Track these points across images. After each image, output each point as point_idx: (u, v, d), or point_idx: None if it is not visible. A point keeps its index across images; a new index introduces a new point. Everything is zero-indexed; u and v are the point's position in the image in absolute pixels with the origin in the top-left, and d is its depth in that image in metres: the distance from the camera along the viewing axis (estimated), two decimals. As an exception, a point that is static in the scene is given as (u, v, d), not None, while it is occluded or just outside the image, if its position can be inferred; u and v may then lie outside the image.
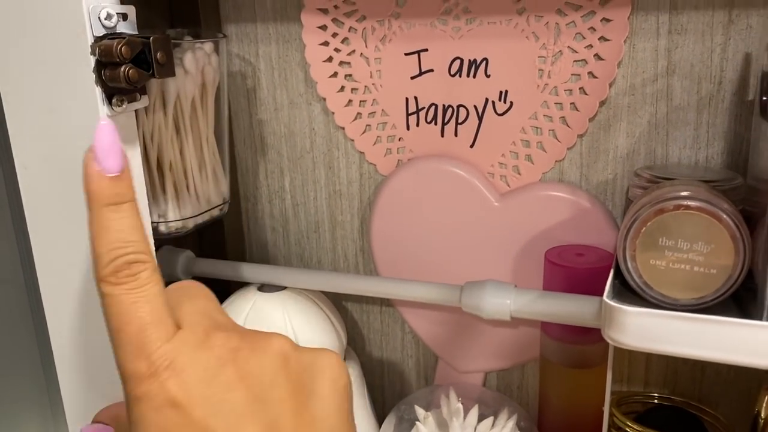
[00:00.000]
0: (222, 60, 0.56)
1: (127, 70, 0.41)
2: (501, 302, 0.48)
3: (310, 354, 0.28)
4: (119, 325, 0.26)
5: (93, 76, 0.41)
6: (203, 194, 0.56)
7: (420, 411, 0.53)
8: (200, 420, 0.24)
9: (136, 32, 0.43)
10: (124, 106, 0.43)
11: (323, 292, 0.58)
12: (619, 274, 0.41)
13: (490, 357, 0.59)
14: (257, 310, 0.54)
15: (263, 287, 0.57)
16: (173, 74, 0.44)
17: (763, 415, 0.48)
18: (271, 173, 0.64)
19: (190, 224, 0.55)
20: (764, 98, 0.40)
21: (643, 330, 0.36)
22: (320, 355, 0.29)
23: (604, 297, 0.38)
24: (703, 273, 0.39)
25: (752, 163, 0.45)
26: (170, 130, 0.52)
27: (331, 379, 0.28)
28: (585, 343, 0.51)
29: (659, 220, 0.39)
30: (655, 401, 0.53)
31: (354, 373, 0.57)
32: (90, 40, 0.41)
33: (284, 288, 0.56)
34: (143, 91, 0.44)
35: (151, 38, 0.42)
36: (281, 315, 0.54)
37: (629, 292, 0.41)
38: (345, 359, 0.58)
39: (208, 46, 0.54)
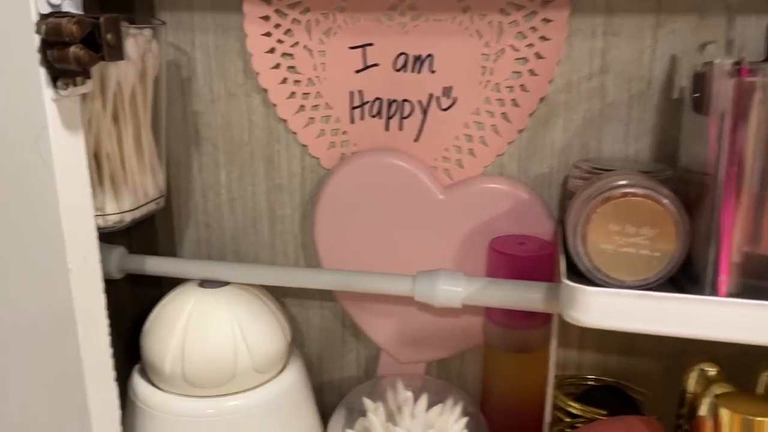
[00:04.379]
0: (161, 48, 0.54)
1: (77, 50, 0.39)
2: (453, 290, 0.50)
3: None
4: None
5: (38, 56, 0.39)
6: (141, 187, 0.53)
7: (369, 402, 0.54)
8: None
9: (82, 12, 0.41)
10: (69, 89, 0.41)
11: (265, 289, 0.57)
12: (569, 260, 0.43)
13: (433, 347, 0.60)
14: (201, 307, 0.52)
15: (204, 283, 0.55)
16: (122, 58, 0.42)
17: (690, 391, 0.52)
18: (205, 166, 0.63)
19: (128, 218, 0.52)
20: (696, 95, 0.44)
21: (604, 308, 0.38)
22: None
23: (564, 279, 0.40)
24: (648, 256, 0.42)
25: (683, 155, 0.49)
26: (109, 118, 0.50)
27: None
28: (528, 327, 0.54)
29: (608, 208, 0.42)
30: (590, 382, 0.57)
31: (298, 369, 0.57)
32: (35, 18, 0.39)
33: (227, 284, 0.55)
34: (88, 75, 0.42)
35: (101, 18, 0.40)
36: (227, 311, 0.53)
37: (576, 276, 0.43)
38: (288, 355, 0.57)
39: (147, 32, 0.52)
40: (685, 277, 0.42)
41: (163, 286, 0.63)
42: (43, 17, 0.39)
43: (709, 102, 0.41)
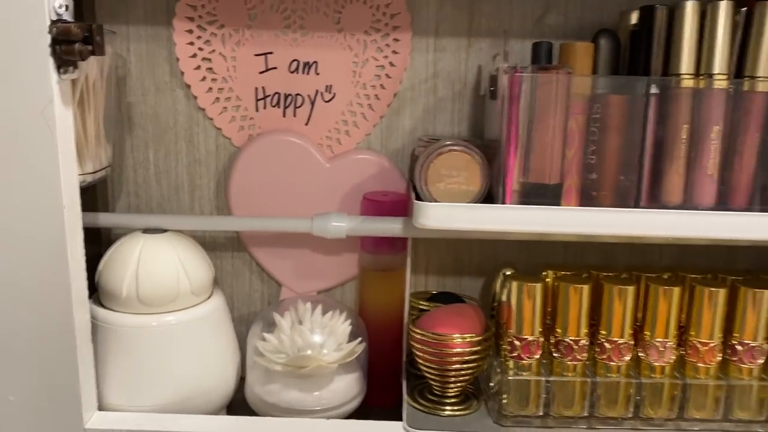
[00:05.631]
0: (112, 51, 0.70)
1: (80, 47, 0.56)
2: (340, 225, 0.71)
3: None
4: None
5: (48, 49, 0.55)
6: (97, 157, 0.69)
7: (277, 315, 0.72)
8: None
9: (73, 20, 0.57)
10: (67, 74, 0.57)
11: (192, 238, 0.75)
12: (417, 196, 0.66)
13: (322, 278, 0.80)
14: (149, 244, 0.69)
15: (147, 231, 0.71)
16: (104, 53, 0.59)
17: (497, 290, 0.76)
18: (136, 147, 0.79)
19: (89, 179, 0.68)
20: (492, 89, 0.68)
21: (438, 216, 0.61)
22: None
23: (414, 201, 0.62)
24: (465, 190, 0.65)
25: (486, 130, 0.74)
26: (76, 102, 0.65)
27: None
28: (392, 253, 0.75)
29: (439, 159, 0.65)
30: (434, 292, 0.80)
31: (221, 295, 0.74)
32: (48, 23, 0.55)
33: (165, 231, 0.72)
34: (77, 66, 0.58)
35: (94, 25, 0.57)
36: (168, 248, 0.69)
37: (423, 208, 0.66)
38: (214, 286, 0.74)
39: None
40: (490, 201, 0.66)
41: (102, 244, 0.78)
42: (53, 23, 0.55)
43: (498, 92, 0.65)
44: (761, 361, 0.66)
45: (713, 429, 0.66)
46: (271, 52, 0.76)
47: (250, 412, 0.72)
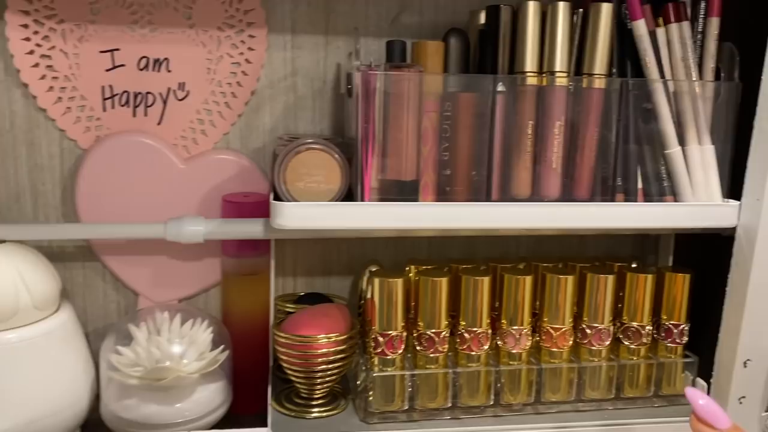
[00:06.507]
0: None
1: None
2: (196, 229, 0.68)
3: None
4: None
5: None
6: None
7: (132, 327, 0.69)
8: None
9: None
10: None
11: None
12: (277, 196, 0.64)
13: (182, 285, 0.77)
14: (-18, 260, 0.63)
15: (-21, 244, 0.65)
16: None
17: (363, 288, 0.76)
18: (-33, 152, 0.72)
19: None
20: (348, 87, 0.68)
21: (295, 216, 0.60)
22: None
23: (272, 201, 0.61)
24: (325, 189, 0.64)
25: (347, 128, 0.73)
26: None
27: None
28: (254, 255, 0.74)
29: (298, 157, 0.64)
30: (301, 293, 0.79)
31: (70, 309, 0.69)
32: None
33: (3, 241, 0.66)
34: None
35: None
36: (5, 260, 0.64)
37: (282, 208, 0.64)
38: (62, 298, 0.69)
39: None
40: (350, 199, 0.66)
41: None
42: None
43: (354, 89, 0.65)
44: (608, 342, 0.71)
45: (568, 410, 0.70)
46: (117, 49, 0.71)
47: (106, 430, 0.67)
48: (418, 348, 0.67)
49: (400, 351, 0.66)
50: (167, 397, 0.66)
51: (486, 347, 0.68)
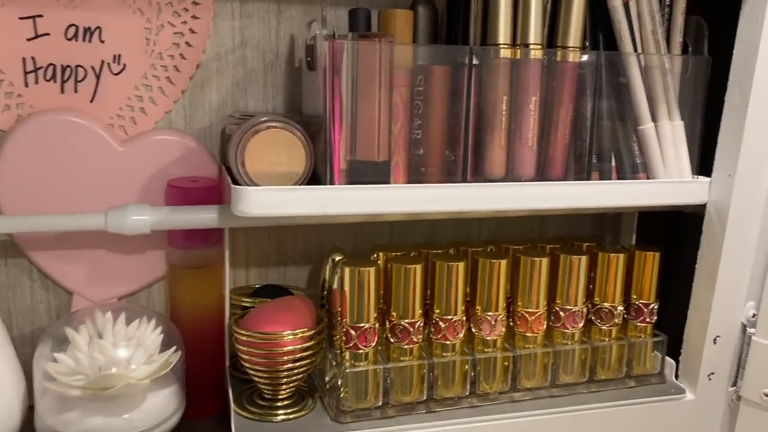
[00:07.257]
0: None
1: None
2: (142, 218, 0.61)
3: None
4: None
5: None
6: None
7: (70, 330, 0.61)
8: None
9: None
10: None
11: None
12: (234, 180, 0.58)
13: (122, 281, 0.69)
14: None
15: None
16: None
17: (326, 277, 0.71)
18: None
19: None
20: (309, 59, 0.62)
21: (258, 201, 0.54)
22: None
23: (232, 186, 0.55)
24: (287, 171, 0.58)
25: (305, 106, 0.68)
26: None
27: None
28: (205, 246, 0.67)
29: (257, 137, 0.58)
30: (257, 286, 0.72)
31: (-6, 314, 0.61)
32: None
33: None
34: None
35: None
36: None
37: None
38: (-17, 303, 0.61)
39: None
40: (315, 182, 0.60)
41: None
42: None
43: (315, 62, 0.59)
44: (581, 324, 0.69)
45: (543, 396, 0.68)
46: (40, 15, 0.62)
47: (43, 448, 0.60)
48: (392, 340, 0.63)
49: (373, 344, 0.62)
50: (114, 408, 0.59)
51: (461, 335, 0.64)
